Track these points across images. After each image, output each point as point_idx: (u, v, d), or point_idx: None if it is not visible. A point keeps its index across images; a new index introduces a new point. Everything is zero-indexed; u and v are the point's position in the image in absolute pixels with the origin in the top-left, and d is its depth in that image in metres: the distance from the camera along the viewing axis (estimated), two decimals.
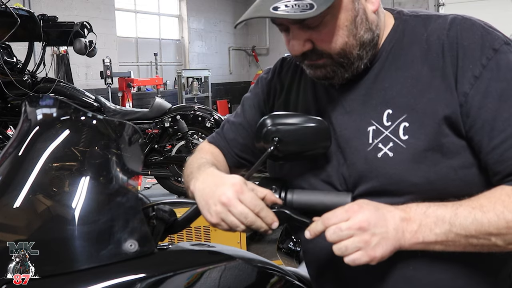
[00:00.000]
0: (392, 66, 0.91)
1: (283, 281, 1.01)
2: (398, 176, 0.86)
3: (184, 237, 2.88)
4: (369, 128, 0.90)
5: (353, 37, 0.87)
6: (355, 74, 0.92)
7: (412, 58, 0.89)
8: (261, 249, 3.51)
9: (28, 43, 4.49)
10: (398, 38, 0.92)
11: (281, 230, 1.81)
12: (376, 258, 0.79)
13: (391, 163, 0.86)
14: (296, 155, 0.93)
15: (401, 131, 0.86)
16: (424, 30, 0.90)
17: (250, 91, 1.17)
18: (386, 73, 0.91)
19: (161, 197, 4.26)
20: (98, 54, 5.07)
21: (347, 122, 0.93)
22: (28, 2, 6.82)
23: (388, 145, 0.87)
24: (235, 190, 0.83)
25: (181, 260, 0.91)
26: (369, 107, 0.91)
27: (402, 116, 0.87)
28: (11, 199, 0.84)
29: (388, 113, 0.88)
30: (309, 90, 1.02)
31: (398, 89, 0.88)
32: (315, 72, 0.92)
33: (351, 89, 0.94)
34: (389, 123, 0.88)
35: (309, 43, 0.87)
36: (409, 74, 0.88)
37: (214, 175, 0.92)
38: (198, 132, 4.50)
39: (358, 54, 0.88)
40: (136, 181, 0.93)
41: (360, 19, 0.87)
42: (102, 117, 0.97)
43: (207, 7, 10.87)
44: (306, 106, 1.01)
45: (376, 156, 0.88)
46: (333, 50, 0.87)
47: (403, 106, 0.87)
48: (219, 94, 10.94)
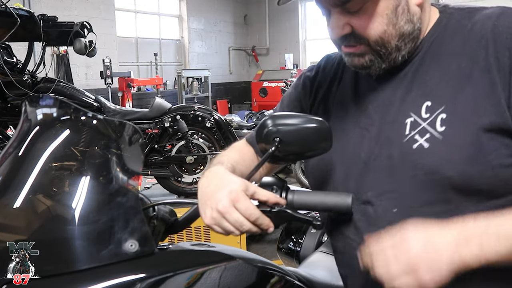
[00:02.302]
0: (433, 58, 0.90)
1: (283, 281, 1.01)
2: (432, 167, 0.83)
3: (184, 237, 2.88)
4: (407, 120, 0.88)
5: (392, 26, 0.86)
6: (392, 65, 0.91)
7: (453, 50, 0.88)
8: (261, 249, 3.51)
9: (28, 43, 4.49)
10: (440, 31, 0.92)
11: (281, 230, 1.81)
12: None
13: (425, 154, 0.84)
14: (297, 155, 0.93)
15: (438, 123, 0.84)
16: (468, 21, 0.88)
17: (290, 87, 1.17)
18: (427, 66, 0.90)
19: (161, 197, 4.26)
20: (98, 54, 5.07)
21: (386, 114, 0.92)
22: (28, 2, 6.83)
23: (425, 136, 0.85)
24: (231, 199, 0.83)
25: (181, 260, 0.91)
26: (409, 99, 0.90)
27: (441, 107, 0.85)
28: (11, 199, 0.84)
29: (427, 105, 0.87)
30: (350, 83, 1.02)
31: (438, 81, 0.87)
32: (352, 60, 0.92)
33: (390, 80, 0.93)
34: (427, 115, 0.86)
35: (348, 26, 0.87)
36: (449, 66, 0.87)
37: (218, 176, 0.91)
38: (198, 132, 4.50)
39: (396, 45, 0.88)
40: (136, 181, 0.93)
41: (402, 9, 0.86)
42: (102, 117, 0.97)
43: (207, 7, 10.87)
44: (344, 98, 1.01)
45: (411, 147, 0.86)
46: (371, 37, 0.87)
47: (441, 98, 0.85)
48: (219, 94, 10.94)
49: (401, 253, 0.74)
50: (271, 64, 11.42)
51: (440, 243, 0.74)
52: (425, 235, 0.75)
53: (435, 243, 0.74)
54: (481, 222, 0.75)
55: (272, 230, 0.86)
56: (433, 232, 0.76)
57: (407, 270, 0.73)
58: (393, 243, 0.76)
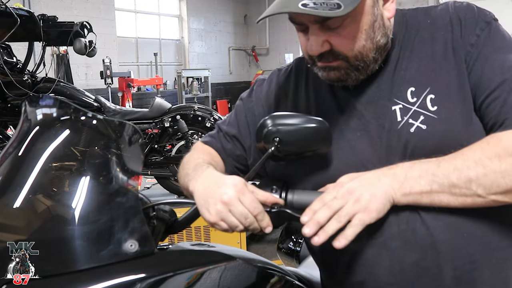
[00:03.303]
0: (405, 52, 0.95)
1: (283, 281, 1.01)
2: (434, 147, 0.87)
3: (184, 237, 2.88)
4: (394, 107, 0.92)
5: (370, 41, 0.90)
6: (369, 75, 0.94)
7: (422, 41, 0.94)
8: (261, 249, 3.51)
9: (28, 43, 4.49)
10: (405, 29, 0.97)
11: (281, 230, 1.81)
12: (372, 213, 0.82)
13: (426, 135, 0.88)
14: (297, 155, 0.93)
15: (429, 104, 0.89)
16: (426, 18, 0.97)
17: (242, 99, 1.15)
18: (403, 59, 0.95)
19: (161, 197, 4.26)
20: (98, 54, 5.07)
21: (377, 108, 0.94)
22: (28, 2, 6.83)
23: (419, 118, 0.89)
24: (237, 190, 0.84)
25: (181, 260, 0.91)
26: (394, 90, 0.93)
27: (426, 89, 0.90)
28: (11, 199, 0.84)
29: (411, 90, 0.92)
30: (323, 90, 1.01)
31: (416, 68, 0.93)
32: (328, 74, 0.93)
33: (371, 81, 0.95)
34: (414, 99, 0.91)
35: (327, 44, 0.89)
36: (423, 54, 0.93)
37: (214, 176, 0.92)
38: (198, 132, 4.50)
39: (373, 57, 0.92)
40: (136, 181, 0.93)
41: (378, 24, 0.90)
42: (102, 117, 0.97)
43: (207, 7, 10.88)
44: (321, 106, 1.01)
45: (409, 131, 0.90)
46: (350, 53, 0.89)
47: (425, 81, 0.91)
48: (219, 94, 10.94)
49: (340, 186, 0.85)
50: (271, 64, 11.41)
51: (371, 175, 0.86)
52: (358, 174, 0.87)
53: (367, 176, 0.86)
54: (407, 163, 0.86)
55: (270, 230, 0.86)
56: (364, 173, 0.88)
57: (348, 196, 0.83)
58: (333, 186, 0.87)
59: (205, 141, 1.17)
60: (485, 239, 0.89)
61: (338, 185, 0.86)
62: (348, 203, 0.82)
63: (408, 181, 0.84)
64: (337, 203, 0.82)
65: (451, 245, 0.88)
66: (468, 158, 0.82)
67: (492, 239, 0.89)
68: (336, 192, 0.85)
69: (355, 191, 0.83)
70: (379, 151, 0.92)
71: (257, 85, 1.14)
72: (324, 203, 0.83)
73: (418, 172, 0.84)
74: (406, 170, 0.85)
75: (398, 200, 0.85)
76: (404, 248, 0.89)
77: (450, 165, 0.83)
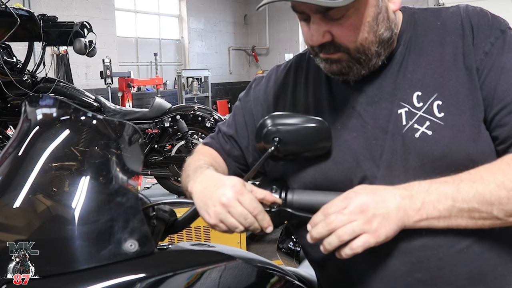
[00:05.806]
0: (412, 53, 0.93)
1: (283, 281, 1.01)
2: (439, 153, 0.86)
3: (184, 237, 2.88)
4: (400, 111, 0.90)
5: (373, 34, 0.87)
6: (372, 70, 0.92)
7: (430, 43, 0.92)
8: (261, 249, 3.51)
9: (28, 43, 4.49)
10: (412, 29, 0.95)
11: (281, 230, 1.81)
12: (380, 238, 0.79)
13: (431, 141, 0.86)
14: (297, 155, 0.93)
15: (435, 109, 0.87)
16: (437, 19, 0.94)
17: (240, 99, 1.14)
18: (408, 60, 0.92)
19: (161, 197, 4.26)
20: (98, 54, 5.08)
21: (378, 110, 0.92)
22: (28, 2, 6.83)
23: (425, 124, 0.87)
24: (235, 191, 0.83)
25: (181, 260, 0.91)
26: (398, 92, 0.91)
27: (433, 95, 0.88)
28: (11, 199, 0.84)
29: (417, 94, 0.89)
30: (322, 88, 1.00)
31: (423, 72, 0.90)
32: (330, 66, 0.91)
33: (371, 80, 0.94)
34: (420, 104, 0.89)
35: (329, 34, 0.86)
36: (431, 57, 0.91)
37: (212, 176, 0.92)
38: (198, 132, 4.50)
39: (376, 51, 0.89)
40: (136, 181, 0.93)
41: (382, 16, 0.88)
42: (102, 117, 0.97)
43: (207, 7, 10.87)
44: (319, 104, 0.99)
45: (414, 136, 0.88)
46: (351, 45, 0.87)
47: (432, 86, 0.89)
48: (219, 94, 10.94)
49: (351, 200, 0.80)
50: (271, 64, 11.19)
51: (387, 195, 0.81)
52: (373, 189, 0.83)
53: (383, 195, 0.81)
54: (424, 185, 0.82)
55: (270, 230, 0.86)
56: (381, 189, 0.83)
57: (358, 216, 0.78)
58: (343, 197, 0.82)
59: (206, 142, 1.17)
60: (484, 255, 0.88)
61: (350, 197, 0.81)
62: (358, 221, 0.78)
63: (425, 206, 0.80)
64: (341, 220, 0.79)
65: (448, 260, 0.86)
66: (490, 182, 0.79)
67: (491, 255, 0.88)
68: (345, 204, 0.80)
69: (368, 210, 0.79)
70: (374, 153, 0.90)
71: (255, 84, 1.13)
72: (326, 216, 0.81)
73: (436, 196, 0.80)
74: (423, 194, 0.81)
75: (410, 227, 0.81)
76: (398, 257, 0.88)
77: (471, 189, 0.79)
